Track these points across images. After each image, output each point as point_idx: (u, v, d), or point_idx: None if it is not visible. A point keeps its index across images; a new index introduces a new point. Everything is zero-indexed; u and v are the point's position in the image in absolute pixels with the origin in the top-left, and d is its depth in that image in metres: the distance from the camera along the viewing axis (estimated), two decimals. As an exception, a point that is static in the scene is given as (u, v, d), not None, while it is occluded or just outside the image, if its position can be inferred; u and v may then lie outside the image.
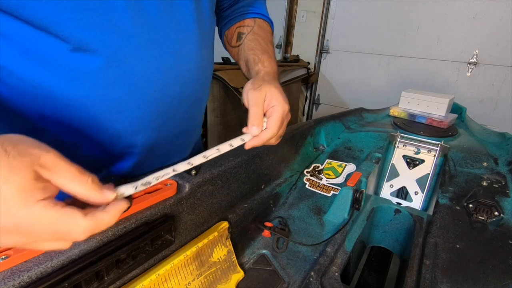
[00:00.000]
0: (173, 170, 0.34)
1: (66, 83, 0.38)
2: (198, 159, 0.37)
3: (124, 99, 0.42)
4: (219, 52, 0.70)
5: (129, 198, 0.39)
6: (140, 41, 0.39)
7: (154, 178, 0.33)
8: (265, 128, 0.43)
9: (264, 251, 0.57)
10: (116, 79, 0.40)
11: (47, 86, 0.38)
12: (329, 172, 0.83)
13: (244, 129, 0.42)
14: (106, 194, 0.27)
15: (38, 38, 0.34)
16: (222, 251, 0.49)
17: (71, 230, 0.24)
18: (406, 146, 0.92)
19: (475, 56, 2.09)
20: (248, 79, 0.49)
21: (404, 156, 0.92)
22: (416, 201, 0.85)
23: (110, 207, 0.27)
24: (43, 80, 0.37)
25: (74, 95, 0.39)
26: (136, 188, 0.31)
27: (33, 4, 0.32)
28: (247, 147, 0.42)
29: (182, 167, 0.35)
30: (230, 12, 0.60)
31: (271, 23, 0.62)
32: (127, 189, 0.31)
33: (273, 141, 0.46)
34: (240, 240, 0.56)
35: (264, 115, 0.44)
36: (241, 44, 0.56)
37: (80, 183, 0.25)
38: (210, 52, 0.54)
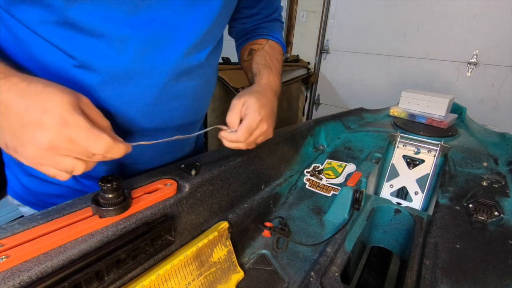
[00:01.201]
0: None
1: None
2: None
3: (120, 112, 0.46)
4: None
5: (129, 199, 0.39)
6: (140, 68, 0.43)
7: None
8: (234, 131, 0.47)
9: (264, 251, 0.57)
10: (113, 94, 0.44)
11: None
12: (329, 172, 0.83)
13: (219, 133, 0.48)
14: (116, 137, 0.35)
15: (47, 49, 0.39)
16: (222, 251, 0.49)
17: (98, 142, 0.32)
18: (406, 146, 0.92)
19: (475, 56, 2.09)
20: None
21: (404, 156, 0.92)
22: (416, 201, 0.85)
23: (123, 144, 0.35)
24: None
25: None
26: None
27: (48, 27, 0.37)
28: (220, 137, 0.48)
29: None
30: (251, 33, 0.66)
31: (283, 46, 0.67)
32: None
33: (242, 146, 0.49)
34: (240, 240, 0.56)
35: None
36: (251, 59, 0.62)
37: (103, 123, 0.35)
38: (215, 69, 0.58)
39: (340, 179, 0.80)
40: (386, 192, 0.89)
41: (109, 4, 0.37)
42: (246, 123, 0.46)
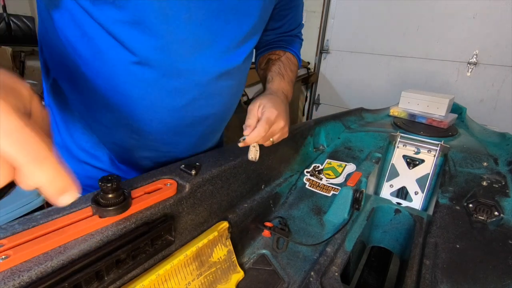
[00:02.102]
0: None
1: (123, 83, 0.48)
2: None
3: (165, 105, 0.51)
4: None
5: (129, 198, 0.39)
6: (189, 67, 0.48)
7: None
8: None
9: (264, 251, 0.57)
10: (164, 89, 0.49)
11: (110, 82, 0.48)
12: (329, 172, 0.83)
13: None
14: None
15: (113, 46, 0.44)
16: (222, 251, 0.49)
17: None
18: (406, 146, 0.92)
19: (475, 56, 2.09)
20: None
21: (404, 156, 0.92)
22: (416, 201, 0.85)
23: None
24: (108, 76, 0.47)
25: (129, 92, 0.49)
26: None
27: (119, 26, 0.42)
28: (241, 145, 0.50)
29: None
30: (271, 44, 0.70)
31: (299, 60, 0.71)
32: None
33: (262, 141, 0.52)
34: (240, 240, 0.56)
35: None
36: (267, 67, 0.66)
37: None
38: (248, 70, 0.62)
39: (340, 179, 0.80)
40: (386, 192, 0.89)
41: (172, 11, 0.42)
42: (264, 117, 0.49)
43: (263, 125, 0.48)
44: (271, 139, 0.53)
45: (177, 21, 0.43)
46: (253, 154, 0.53)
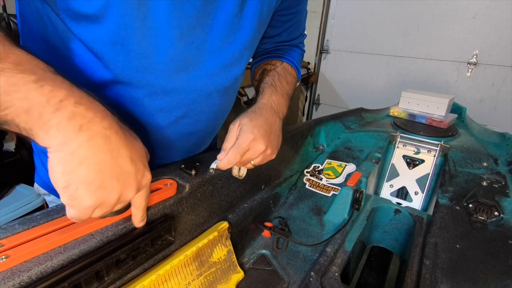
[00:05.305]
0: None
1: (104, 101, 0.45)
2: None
3: (151, 121, 0.50)
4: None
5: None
6: (176, 85, 0.46)
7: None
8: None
9: (264, 251, 0.57)
10: (149, 107, 0.48)
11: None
12: (329, 172, 0.83)
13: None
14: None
15: (94, 62, 0.42)
16: (222, 251, 0.49)
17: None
18: (406, 146, 0.92)
19: (475, 56, 2.09)
20: None
21: (404, 156, 0.92)
22: (416, 201, 0.85)
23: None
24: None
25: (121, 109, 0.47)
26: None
27: (104, 46, 0.40)
28: (215, 169, 0.47)
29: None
30: (268, 53, 0.66)
31: (298, 71, 0.66)
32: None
33: (240, 165, 0.50)
34: (240, 240, 0.56)
35: None
36: (261, 78, 0.61)
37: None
38: (240, 85, 0.59)
39: (340, 179, 0.80)
40: (386, 192, 0.89)
41: (158, 31, 0.39)
42: (236, 143, 0.45)
43: (233, 153, 0.44)
44: (251, 162, 0.48)
45: (165, 41, 0.41)
46: (236, 171, 0.51)
